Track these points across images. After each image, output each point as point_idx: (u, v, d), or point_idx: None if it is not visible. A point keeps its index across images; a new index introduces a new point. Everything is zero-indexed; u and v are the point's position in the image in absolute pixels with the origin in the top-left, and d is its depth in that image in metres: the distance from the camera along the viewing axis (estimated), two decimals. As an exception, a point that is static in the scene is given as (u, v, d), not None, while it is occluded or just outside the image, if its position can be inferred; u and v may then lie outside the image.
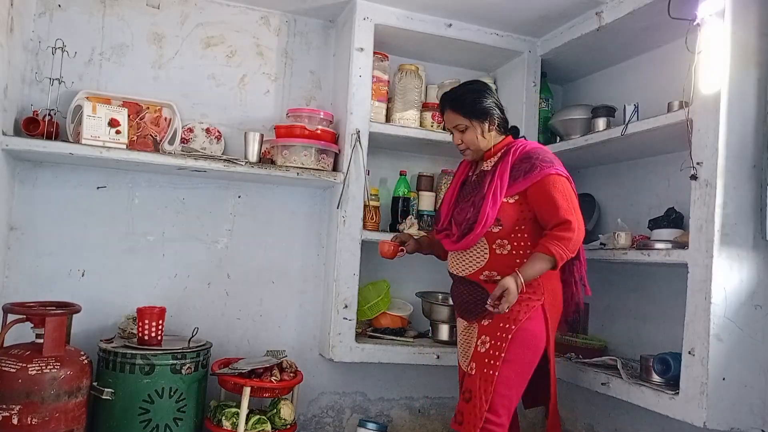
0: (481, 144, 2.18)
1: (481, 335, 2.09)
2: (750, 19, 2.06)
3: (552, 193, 2.01)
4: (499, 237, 2.08)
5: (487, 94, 2.19)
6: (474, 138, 2.17)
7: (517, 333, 2.01)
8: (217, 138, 2.78)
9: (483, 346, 2.07)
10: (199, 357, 2.42)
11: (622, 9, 2.49)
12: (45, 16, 2.61)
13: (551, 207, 2.01)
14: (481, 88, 2.21)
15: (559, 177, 2.04)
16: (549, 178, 2.03)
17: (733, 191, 2.01)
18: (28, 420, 2.01)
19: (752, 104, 2.04)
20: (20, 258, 2.54)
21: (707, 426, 1.95)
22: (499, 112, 2.18)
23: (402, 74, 2.93)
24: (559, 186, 2.03)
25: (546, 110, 3.09)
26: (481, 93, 2.18)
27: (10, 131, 2.36)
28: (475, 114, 2.15)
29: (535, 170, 2.04)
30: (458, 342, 2.26)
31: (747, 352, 2.00)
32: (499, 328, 2.04)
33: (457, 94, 2.20)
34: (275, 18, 2.96)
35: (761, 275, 2.04)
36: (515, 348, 2.01)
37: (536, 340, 2.04)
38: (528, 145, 2.15)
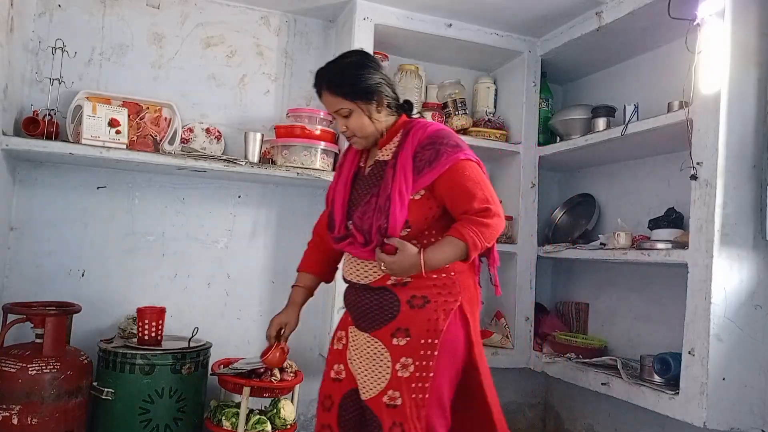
0: (371, 129, 1.80)
1: (399, 358, 1.71)
2: (750, 19, 2.06)
3: (463, 182, 1.70)
4: (407, 239, 1.72)
5: (371, 67, 1.79)
6: (361, 123, 1.79)
7: (441, 344, 1.71)
8: (217, 138, 2.78)
9: (405, 371, 1.70)
10: (199, 357, 2.42)
11: (622, 9, 2.49)
12: (45, 16, 2.61)
13: (464, 197, 1.70)
14: (362, 62, 1.80)
15: (469, 162, 1.73)
16: (458, 164, 1.70)
17: (733, 191, 2.01)
18: (28, 420, 2.01)
19: (752, 104, 2.04)
20: (20, 258, 2.54)
21: (707, 426, 1.96)
22: (388, 88, 1.80)
23: (402, 74, 2.92)
24: (471, 173, 1.72)
25: (546, 110, 3.09)
26: (363, 67, 1.78)
27: (10, 131, 2.36)
28: (359, 94, 1.76)
29: (441, 158, 1.70)
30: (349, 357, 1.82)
31: (747, 352, 2.00)
32: (421, 346, 1.70)
33: (333, 72, 1.79)
34: (275, 18, 2.96)
35: (761, 275, 2.04)
36: (442, 359, 1.72)
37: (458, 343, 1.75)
38: (429, 127, 1.79)
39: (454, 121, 2.95)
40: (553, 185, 3.33)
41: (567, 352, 2.72)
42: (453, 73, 3.17)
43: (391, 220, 1.70)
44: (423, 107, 2.96)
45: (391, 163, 1.77)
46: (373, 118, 1.79)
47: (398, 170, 1.73)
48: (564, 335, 2.84)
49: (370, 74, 1.77)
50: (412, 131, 1.78)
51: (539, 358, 2.84)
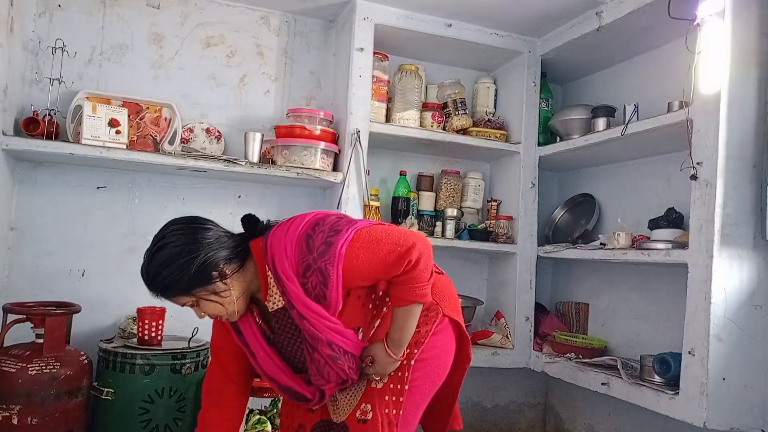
0: (230, 301, 1.53)
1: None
2: (750, 19, 2.06)
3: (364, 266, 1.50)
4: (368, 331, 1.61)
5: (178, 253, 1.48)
6: (214, 305, 1.53)
7: (421, 356, 1.60)
8: (217, 138, 2.78)
9: (379, 382, 1.59)
10: (199, 357, 2.42)
11: (622, 9, 2.49)
12: (45, 16, 2.61)
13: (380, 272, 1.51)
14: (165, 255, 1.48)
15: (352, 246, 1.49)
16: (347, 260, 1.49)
17: (733, 191, 2.01)
18: (28, 420, 2.01)
19: (752, 104, 2.04)
20: (20, 258, 2.54)
21: (707, 426, 1.96)
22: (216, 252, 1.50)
23: (402, 74, 2.93)
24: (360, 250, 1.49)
25: (546, 110, 3.09)
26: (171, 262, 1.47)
27: (10, 131, 2.36)
28: (188, 289, 1.50)
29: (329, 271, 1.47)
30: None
31: (747, 352, 2.00)
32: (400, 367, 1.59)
33: (151, 279, 1.50)
34: (275, 18, 2.95)
35: (761, 275, 2.04)
36: (421, 374, 1.60)
37: (445, 356, 1.66)
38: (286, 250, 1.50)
39: (454, 121, 2.95)
40: (553, 185, 3.33)
41: (567, 352, 2.72)
42: (453, 73, 3.17)
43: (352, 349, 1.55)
44: (423, 107, 2.96)
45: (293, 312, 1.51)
46: (221, 294, 1.52)
47: (309, 316, 1.49)
48: (564, 335, 2.84)
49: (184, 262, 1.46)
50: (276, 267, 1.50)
51: (539, 358, 2.84)
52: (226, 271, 1.52)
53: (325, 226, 1.53)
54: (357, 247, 1.50)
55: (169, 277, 1.47)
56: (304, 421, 1.71)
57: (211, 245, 1.51)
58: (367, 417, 1.57)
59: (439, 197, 3.06)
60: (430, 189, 3.03)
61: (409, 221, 2.87)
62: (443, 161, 3.18)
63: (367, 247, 1.50)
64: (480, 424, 3.14)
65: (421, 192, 3.02)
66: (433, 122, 2.93)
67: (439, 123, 2.94)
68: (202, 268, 1.47)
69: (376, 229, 1.55)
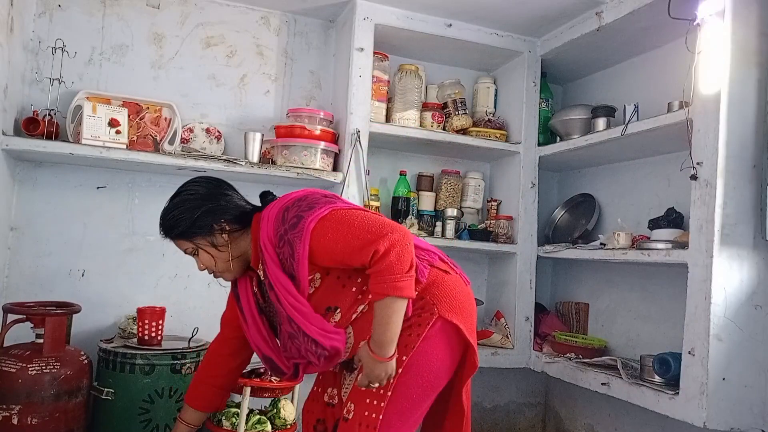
0: (224, 259, 1.64)
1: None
2: (750, 19, 2.06)
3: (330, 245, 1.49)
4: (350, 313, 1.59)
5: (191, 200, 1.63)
6: (210, 257, 1.63)
7: (410, 361, 1.54)
8: (217, 138, 2.78)
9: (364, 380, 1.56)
10: (199, 357, 2.42)
11: (622, 9, 2.49)
12: (45, 16, 2.61)
13: (345, 256, 1.49)
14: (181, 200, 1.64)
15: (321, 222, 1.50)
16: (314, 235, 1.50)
17: (733, 191, 2.01)
18: (28, 420, 2.01)
19: (752, 104, 2.04)
20: (20, 258, 2.54)
21: (707, 426, 1.95)
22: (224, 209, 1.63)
23: (402, 74, 2.93)
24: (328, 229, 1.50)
25: (546, 110, 3.09)
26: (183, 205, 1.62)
27: (10, 131, 2.36)
28: (189, 234, 1.62)
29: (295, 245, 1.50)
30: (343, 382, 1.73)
31: (747, 352, 2.00)
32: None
33: (162, 218, 1.66)
34: (275, 18, 2.96)
35: (761, 275, 2.04)
36: (408, 379, 1.54)
37: (439, 364, 1.57)
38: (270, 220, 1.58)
39: (454, 121, 2.95)
40: (553, 185, 3.33)
41: (567, 352, 2.72)
42: (453, 73, 3.17)
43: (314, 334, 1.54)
44: (423, 107, 2.96)
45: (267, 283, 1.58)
46: (219, 247, 1.62)
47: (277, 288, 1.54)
48: (564, 335, 2.84)
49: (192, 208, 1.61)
50: (261, 236, 1.56)
51: (539, 358, 2.84)
52: (227, 228, 1.62)
53: (305, 201, 1.56)
54: (326, 226, 1.50)
55: (175, 218, 1.62)
56: (326, 416, 1.75)
57: (220, 202, 1.64)
58: (349, 416, 1.56)
59: (439, 197, 3.06)
60: (430, 189, 3.03)
61: (409, 221, 2.87)
62: (443, 161, 3.18)
63: (336, 228, 1.50)
64: (480, 424, 3.14)
65: (421, 192, 3.02)
66: (433, 122, 2.93)
67: (439, 123, 2.94)
68: (205, 217, 1.60)
69: (354, 213, 1.53)
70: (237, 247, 1.65)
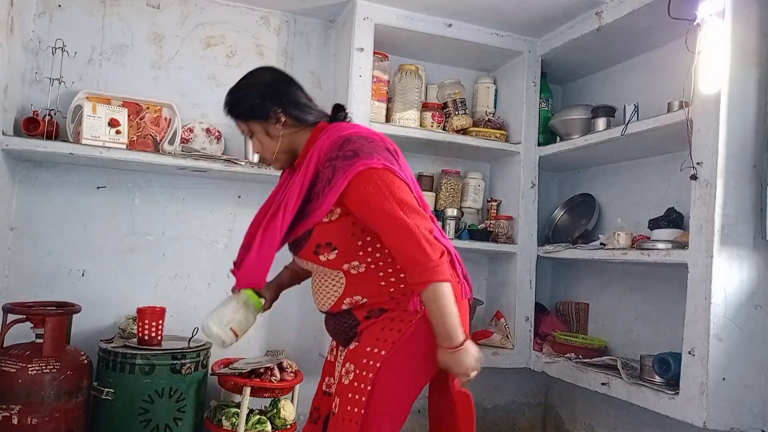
0: (273, 147, 1.68)
1: (346, 363, 1.60)
2: (750, 19, 2.06)
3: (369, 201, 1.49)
4: (344, 261, 1.60)
5: (256, 83, 1.68)
6: (262, 142, 1.69)
7: (390, 358, 1.53)
8: (217, 138, 2.78)
9: (347, 377, 1.58)
10: (199, 357, 2.42)
11: (622, 9, 2.49)
12: (45, 16, 2.61)
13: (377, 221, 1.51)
14: (246, 81, 1.69)
15: (370, 172, 1.49)
16: (358, 179, 1.49)
17: (733, 191, 2.01)
18: (28, 420, 2.01)
19: (752, 104, 2.04)
20: (20, 258, 2.54)
21: (707, 426, 1.96)
22: (287, 98, 1.66)
23: (402, 74, 2.92)
24: (371, 183, 1.49)
25: (546, 110, 3.09)
26: (247, 87, 1.68)
27: (10, 131, 2.36)
28: (246, 114, 1.67)
29: (337, 175, 1.51)
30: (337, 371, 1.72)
31: (747, 352, 2.00)
32: (365, 354, 1.56)
33: (227, 96, 1.70)
34: (275, 18, 2.96)
35: (761, 275, 2.04)
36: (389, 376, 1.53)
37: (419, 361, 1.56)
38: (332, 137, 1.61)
39: (454, 121, 2.95)
40: (553, 185, 3.33)
41: (567, 352, 2.72)
42: (453, 73, 3.17)
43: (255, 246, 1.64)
44: (423, 107, 2.96)
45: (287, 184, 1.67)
46: (270, 135, 1.66)
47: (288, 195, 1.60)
48: (564, 335, 2.84)
49: (254, 90, 1.66)
50: (316, 145, 1.61)
51: (539, 358, 2.84)
52: (282, 119, 1.64)
53: (367, 144, 1.56)
54: (373, 179, 1.49)
55: (238, 98, 1.67)
56: (321, 405, 1.76)
57: (284, 93, 1.67)
58: (335, 410, 1.58)
59: (439, 197, 3.06)
60: (430, 189, 3.03)
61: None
62: (443, 161, 3.18)
63: (378, 187, 1.49)
64: (480, 424, 3.13)
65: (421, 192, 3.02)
66: (433, 122, 2.93)
67: (439, 123, 2.94)
68: (264, 103, 1.64)
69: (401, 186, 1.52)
70: (288, 141, 1.68)
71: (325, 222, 1.58)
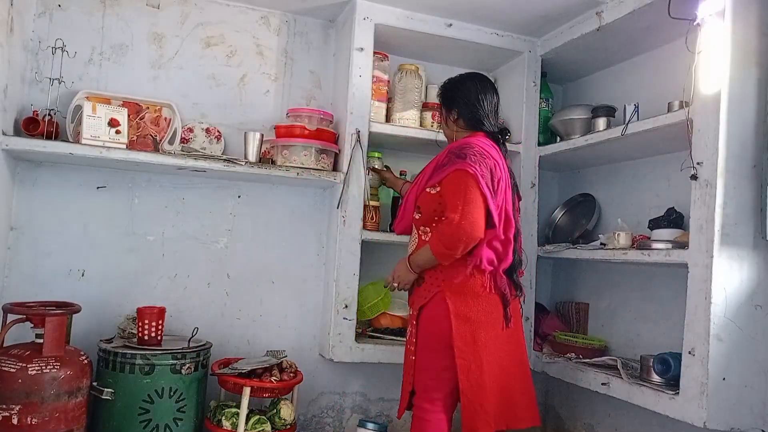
0: (445, 132, 2.35)
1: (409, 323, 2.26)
2: (750, 19, 2.06)
3: (449, 189, 2.07)
4: (421, 224, 2.20)
5: (464, 86, 2.26)
6: (442, 123, 2.35)
7: (420, 318, 2.16)
8: (217, 138, 2.78)
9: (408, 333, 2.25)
10: (199, 357, 2.42)
11: (622, 9, 2.49)
12: (45, 16, 2.61)
13: (446, 203, 2.07)
14: (462, 79, 2.29)
15: (458, 172, 2.05)
16: (453, 173, 2.06)
17: (733, 191, 2.01)
18: (28, 420, 2.01)
19: (752, 104, 2.04)
20: (20, 258, 2.54)
21: (707, 426, 1.96)
22: (467, 107, 2.23)
23: (402, 74, 2.92)
24: (455, 183, 2.05)
25: (546, 110, 3.09)
26: (457, 83, 2.29)
27: (10, 131, 2.36)
28: (442, 100, 2.32)
29: (447, 166, 2.10)
30: None
31: (747, 352, 2.00)
32: (411, 317, 2.22)
33: (444, 82, 2.35)
34: (275, 18, 2.96)
35: (761, 275, 2.04)
36: (421, 333, 2.15)
37: (438, 325, 2.10)
38: (461, 142, 2.20)
39: (454, 121, 2.95)
40: (553, 185, 3.33)
41: (567, 352, 2.72)
42: (453, 73, 3.09)
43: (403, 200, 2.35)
44: (423, 107, 2.96)
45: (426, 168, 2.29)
46: (447, 123, 2.31)
47: (426, 167, 2.26)
48: (564, 335, 2.84)
49: (458, 89, 2.27)
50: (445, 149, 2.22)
51: (539, 358, 2.84)
52: (453, 117, 2.29)
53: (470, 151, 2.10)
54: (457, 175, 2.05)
55: (445, 87, 2.34)
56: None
57: (465, 103, 2.25)
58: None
59: (440, 197, 3.06)
60: (430, 189, 3.03)
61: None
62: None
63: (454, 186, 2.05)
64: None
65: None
66: (433, 122, 2.93)
67: (439, 123, 2.93)
68: (450, 99, 2.29)
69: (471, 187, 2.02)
70: (450, 132, 2.32)
71: (427, 192, 2.16)
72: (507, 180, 2.19)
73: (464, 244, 2.01)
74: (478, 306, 2.10)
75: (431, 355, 2.13)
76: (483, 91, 2.25)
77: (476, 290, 2.11)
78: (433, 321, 2.12)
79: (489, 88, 2.28)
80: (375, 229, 2.78)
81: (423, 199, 2.17)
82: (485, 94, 2.25)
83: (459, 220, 1.99)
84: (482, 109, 2.23)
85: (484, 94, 2.24)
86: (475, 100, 2.23)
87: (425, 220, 2.17)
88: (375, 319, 2.92)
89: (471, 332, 2.07)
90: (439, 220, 2.11)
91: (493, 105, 2.26)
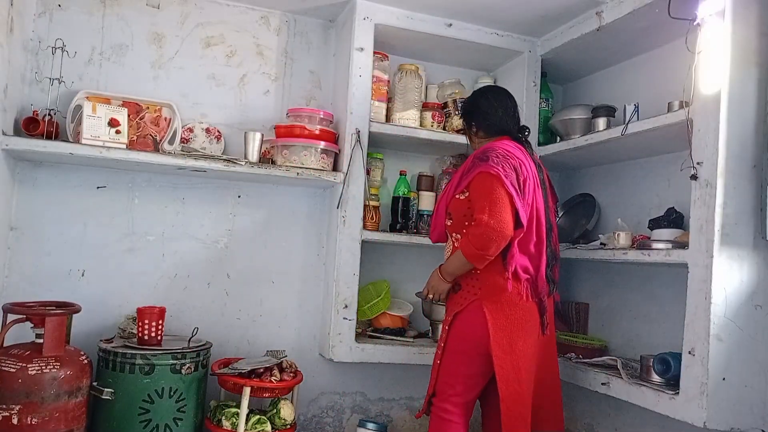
0: (471, 145, 2.42)
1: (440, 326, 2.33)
2: (750, 19, 2.06)
3: (475, 191, 2.11)
4: (453, 230, 2.23)
5: (477, 98, 2.34)
6: (469, 142, 2.43)
7: (453, 324, 2.16)
8: (217, 138, 2.78)
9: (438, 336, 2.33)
10: (199, 357, 2.42)
11: (622, 9, 2.49)
12: (45, 16, 2.61)
13: (473, 205, 2.11)
14: (474, 93, 2.39)
15: (482, 174, 2.09)
16: (477, 176, 2.10)
17: (733, 191, 2.01)
18: (28, 420, 2.01)
19: (752, 104, 2.04)
20: (20, 258, 2.54)
21: (707, 426, 1.95)
22: (483, 116, 2.30)
23: (402, 74, 2.92)
24: (480, 185, 2.09)
25: (546, 110, 3.09)
26: (470, 99, 2.39)
27: (10, 131, 2.36)
28: (463, 120, 2.43)
29: (472, 170, 2.14)
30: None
31: (747, 352, 2.00)
32: (444, 321, 2.23)
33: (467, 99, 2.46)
34: (275, 18, 2.96)
35: (761, 275, 2.04)
36: (452, 338, 2.16)
37: (472, 332, 2.11)
38: (484, 147, 2.22)
39: (453, 121, 2.95)
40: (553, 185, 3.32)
41: (567, 352, 2.72)
42: (453, 73, 3.17)
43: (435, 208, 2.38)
44: (423, 107, 2.96)
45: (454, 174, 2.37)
46: (470, 136, 2.39)
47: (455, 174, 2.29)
48: (564, 335, 2.84)
49: (472, 102, 2.36)
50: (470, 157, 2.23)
51: (539, 358, 2.84)
52: (474, 130, 2.35)
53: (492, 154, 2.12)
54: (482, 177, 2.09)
55: (467, 103, 2.42)
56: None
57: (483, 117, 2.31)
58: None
59: (440, 197, 3.06)
60: (430, 189, 3.03)
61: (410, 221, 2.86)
62: (443, 161, 3.17)
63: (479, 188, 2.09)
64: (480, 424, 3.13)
65: (421, 192, 3.02)
66: (433, 122, 2.93)
67: (439, 123, 2.94)
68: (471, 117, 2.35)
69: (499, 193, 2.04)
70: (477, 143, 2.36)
71: (456, 198, 2.20)
72: (535, 179, 2.20)
73: (495, 243, 2.02)
74: (516, 314, 2.12)
75: (459, 360, 2.14)
76: (495, 98, 2.31)
77: (513, 298, 2.12)
78: (467, 327, 2.13)
79: (501, 94, 2.35)
80: (375, 229, 2.79)
81: (453, 206, 2.21)
82: (498, 100, 2.31)
83: (487, 219, 2.00)
84: (497, 114, 2.28)
85: (497, 101, 2.30)
86: (489, 107, 2.29)
87: (456, 226, 2.20)
88: (375, 319, 2.92)
89: (508, 341, 2.09)
90: (469, 224, 2.12)
91: (508, 108, 2.31)
